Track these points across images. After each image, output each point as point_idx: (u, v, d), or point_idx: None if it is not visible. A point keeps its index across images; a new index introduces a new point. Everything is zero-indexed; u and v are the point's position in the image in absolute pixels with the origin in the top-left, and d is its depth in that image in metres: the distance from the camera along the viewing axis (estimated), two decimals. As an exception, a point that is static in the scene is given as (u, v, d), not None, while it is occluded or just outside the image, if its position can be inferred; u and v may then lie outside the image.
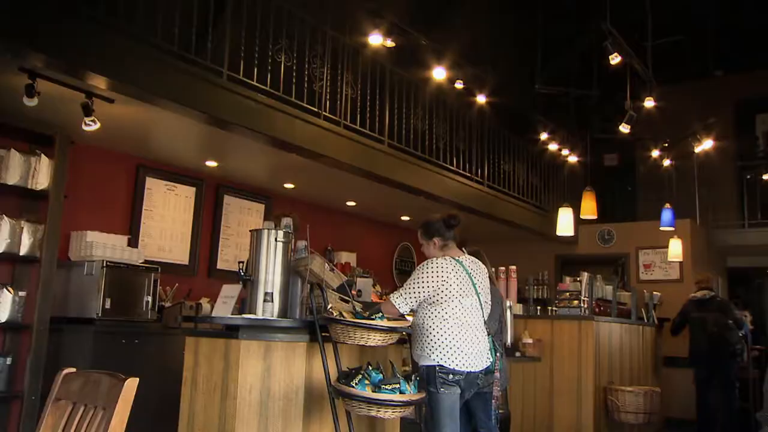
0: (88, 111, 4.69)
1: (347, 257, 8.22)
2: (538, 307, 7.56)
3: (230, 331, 3.80)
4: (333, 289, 3.97)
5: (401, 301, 3.79)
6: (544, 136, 8.36)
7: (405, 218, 9.17)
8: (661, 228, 8.55)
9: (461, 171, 7.95)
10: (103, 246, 5.44)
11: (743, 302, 10.15)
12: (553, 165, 9.79)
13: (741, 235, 10.45)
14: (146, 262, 5.77)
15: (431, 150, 7.50)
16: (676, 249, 8.68)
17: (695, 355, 7.84)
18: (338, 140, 6.22)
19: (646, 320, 8.20)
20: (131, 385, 1.52)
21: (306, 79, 5.97)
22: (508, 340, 5.82)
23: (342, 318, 3.47)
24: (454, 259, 3.89)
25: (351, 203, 8.37)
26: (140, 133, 5.73)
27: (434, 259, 3.89)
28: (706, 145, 8.39)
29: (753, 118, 11.42)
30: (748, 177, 10.60)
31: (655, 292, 8.77)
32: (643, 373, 7.71)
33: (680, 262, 9.30)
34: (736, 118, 11.20)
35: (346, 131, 6.33)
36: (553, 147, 8.56)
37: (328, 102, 6.16)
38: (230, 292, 4.03)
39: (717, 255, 10.88)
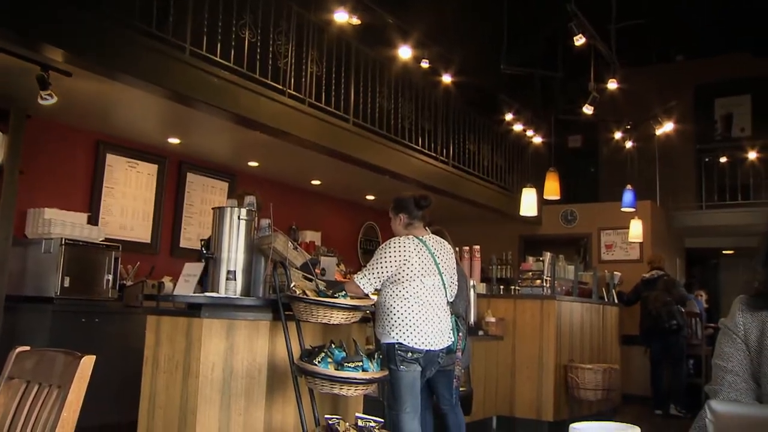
0: (44, 84, 4.56)
1: (312, 236, 8.20)
2: (501, 287, 7.64)
3: (192, 310, 3.78)
4: (296, 268, 3.95)
5: (365, 281, 3.80)
6: (509, 116, 8.40)
7: (370, 197, 9.16)
8: (623, 209, 8.69)
9: (426, 151, 7.96)
10: (61, 223, 5.34)
11: (699, 282, 10.40)
12: (518, 145, 9.86)
13: (698, 216, 10.67)
14: (107, 240, 5.68)
15: (397, 129, 7.49)
16: (636, 230, 8.83)
17: (641, 332, 8.35)
18: (303, 118, 6.17)
19: (606, 299, 8.35)
20: (87, 362, 1.49)
21: (270, 55, 5.88)
22: (472, 319, 5.88)
23: (305, 296, 3.46)
24: (417, 238, 3.90)
25: (316, 182, 8.33)
26: (100, 108, 5.61)
27: (397, 238, 3.90)
28: (667, 127, 8.52)
29: (712, 103, 11.63)
30: (707, 160, 10.81)
31: (615, 272, 8.92)
32: (603, 351, 7.86)
33: (640, 243, 9.48)
34: (696, 102, 11.39)
35: (311, 109, 6.28)
36: (518, 128, 8.60)
37: (292, 79, 6.09)
38: (192, 270, 4.00)
39: (675, 236, 11.11)
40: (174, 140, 6.57)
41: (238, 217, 3.91)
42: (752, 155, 9.72)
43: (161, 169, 6.87)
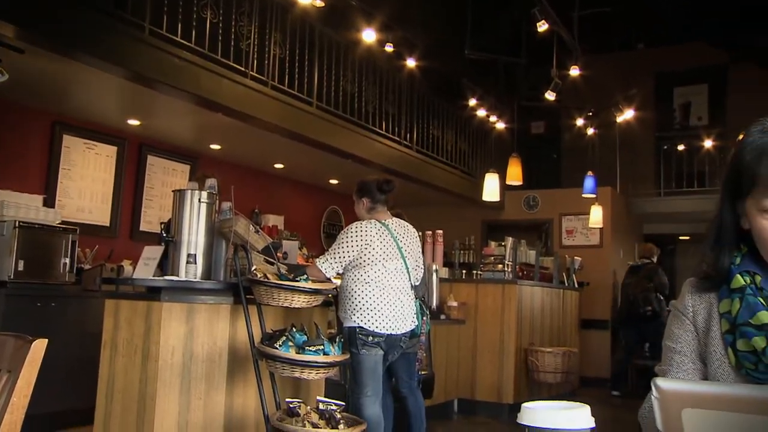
0: (-6, 61, 4.43)
1: (275, 220, 8.15)
2: (464, 271, 7.70)
3: (152, 294, 3.73)
4: (258, 251, 3.93)
5: (327, 265, 3.81)
6: (472, 102, 8.43)
7: (334, 181, 9.13)
8: (584, 195, 8.80)
9: (390, 135, 7.95)
10: (15, 206, 5.20)
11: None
12: (482, 131, 9.91)
13: (657, 203, 10.88)
14: (64, 223, 5.56)
15: (360, 113, 7.46)
16: (597, 216, 8.96)
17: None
18: (266, 101, 6.10)
19: (566, 284, 8.47)
20: (39, 346, 1.46)
21: (233, 37, 5.80)
22: (434, 303, 5.92)
23: (266, 280, 3.44)
24: (380, 222, 3.91)
25: (279, 165, 8.27)
26: (56, 88, 5.47)
27: (359, 222, 3.91)
28: (628, 115, 8.65)
29: (671, 91, 11.82)
30: (665, 147, 11.00)
31: (576, 257, 9.06)
32: (563, 335, 7.99)
33: (600, 229, 9.62)
34: (656, 90, 11.57)
35: (274, 92, 6.21)
36: (481, 113, 8.65)
37: (255, 61, 6.02)
38: (152, 253, 3.94)
39: (635, 222, 11.31)
40: (134, 122, 6.45)
41: (199, 200, 3.86)
42: (708, 143, 9.93)
43: (120, 151, 6.74)
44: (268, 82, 6.15)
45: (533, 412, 0.86)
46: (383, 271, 3.82)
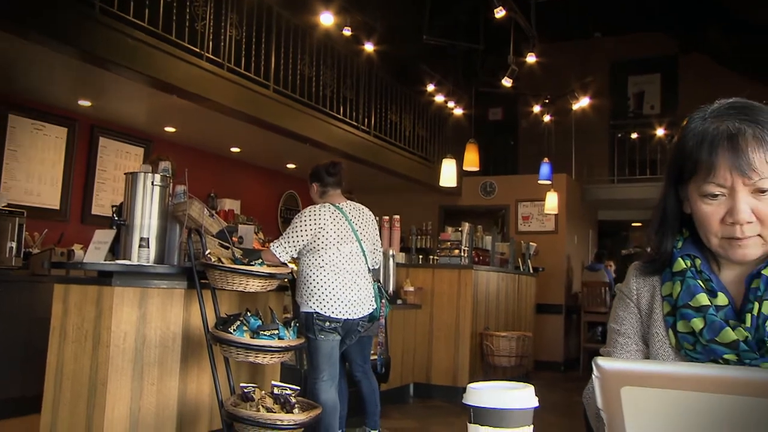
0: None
1: (231, 204, 8.06)
2: (420, 257, 7.74)
3: (103, 278, 3.67)
4: (212, 235, 3.88)
5: (281, 249, 3.79)
6: (430, 87, 8.44)
7: (291, 166, 9.07)
8: (539, 181, 8.91)
9: (348, 120, 7.92)
10: (-41, 188, 5.05)
11: (609, 252, 10.83)
12: (440, 117, 9.94)
13: (610, 190, 11.08)
14: (10, 206, 5.40)
15: (318, 97, 7.41)
16: (552, 202, 9.09)
17: None
18: (222, 83, 6.01)
19: (522, 269, 8.59)
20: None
21: (187, 17, 5.69)
22: (390, 288, 5.95)
23: (220, 264, 3.41)
24: (333, 205, 3.90)
25: (235, 149, 8.17)
26: (2, 66, 5.30)
27: (312, 206, 3.91)
28: (583, 103, 8.76)
29: (626, 80, 12.02)
30: (619, 135, 11.20)
31: (531, 243, 9.18)
32: (518, 319, 8.11)
33: (556, 215, 9.77)
34: (611, 78, 11.76)
35: (230, 74, 6.12)
36: (439, 99, 8.67)
37: (211, 43, 5.92)
38: (103, 237, 3.87)
39: (589, 208, 11.51)
40: (85, 102, 6.29)
41: (152, 183, 3.80)
42: (660, 132, 10.14)
43: (71, 132, 6.57)
44: (224, 64, 6.06)
45: (478, 392, 0.87)
46: (338, 255, 3.81)
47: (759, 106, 1.11)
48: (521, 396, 0.87)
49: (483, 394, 0.88)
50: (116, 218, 3.78)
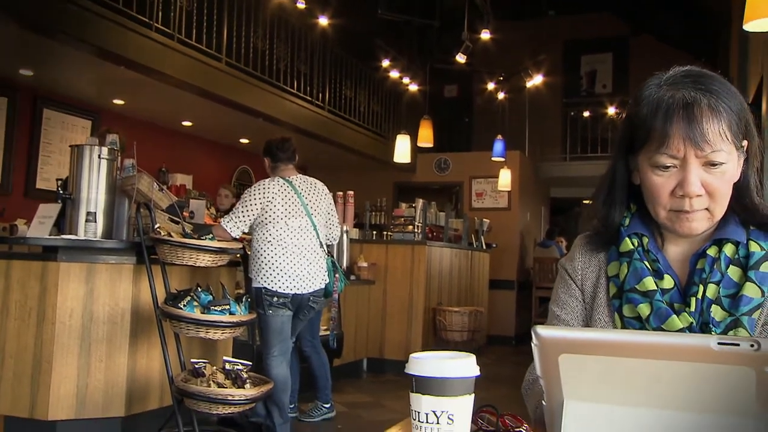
0: None
1: (182, 179, 7.93)
2: (374, 233, 7.75)
3: (48, 254, 3.58)
4: (162, 210, 3.82)
5: (231, 224, 3.76)
6: (385, 63, 8.40)
7: (244, 141, 8.95)
8: (493, 158, 8.98)
9: (302, 94, 7.84)
10: None
11: (560, 229, 11.01)
12: (395, 93, 9.91)
13: (563, 167, 11.25)
14: (-51, 179, 5.22)
15: (271, 71, 7.30)
16: (505, 179, 9.18)
17: None
18: (172, 55, 5.88)
19: (475, 246, 8.68)
20: None
21: (136, -15, 5.53)
22: (344, 264, 5.95)
23: (170, 238, 3.36)
24: (283, 179, 3.88)
25: (187, 123, 8.02)
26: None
27: (261, 181, 3.89)
28: (536, 80, 8.83)
29: (579, 59, 12.16)
30: (572, 114, 11.35)
31: (485, 219, 9.28)
32: (471, 295, 8.21)
33: (509, 192, 9.88)
34: (564, 57, 11.88)
35: (181, 46, 5.99)
36: (394, 75, 8.63)
37: (160, 13, 5.77)
38: (48, 211, 3.78)
39: (542, 186, 11.67)
40: (26, 72, 6.08)
41: (99, 156, 3.72)
42: (611, 110, 10.30)
43: (12, 103, 6.35)
44: (175, 35, 5.92)
45: (420, 362, 0.88)
46: (285, 229, 3.79)
47: (713, 75, 1.09)
48: (462, 365, 0.88)
49: (425, 363, 0.88)
50: (62, 192, 3.69)
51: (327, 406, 4.52)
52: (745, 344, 0.72)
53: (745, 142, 1.10)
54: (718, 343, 0.73)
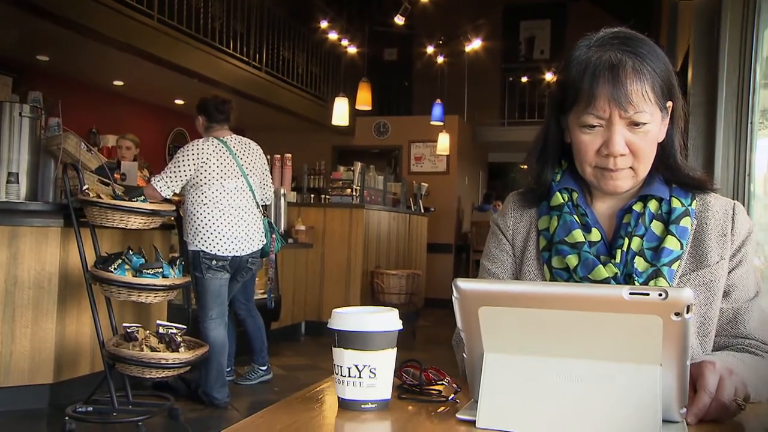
0: None
1: (114, 141, 7.67)
2: (312, 196, 7.71)
3: (-33, 216, 3.43)
4: (91, 171, 3.70)
5: (161, 183, 3.67)
6: (324, 24, 8.27)
7: (179, 102, 8.72)
8: (432, 122, 9.00)
9: (239, 55, 7.65)
10: None
11: (497, 194, 11.17)
12: (333, 55, 9.79)
13: (501, 132, 11.37)
14: None
15: (206, 30, 7.09)
16: (444, 143, 9.23)
17: None
18: (98, 9, 5.63)
19: (413, 209, 8.73)
20: None
21: (60, -65, 5.26)
22: (282, 228, 5.91)
23: (99, 200, 3.26)
24: (218, 139, 3.80)
25: (118, 82, 7.75)
26: None
27: (195, 141, 3.80)
28: (475, 45, 8.84)
29: (518, 24, 12.24)
30: (510, 79, 11.45)
31: (423, 183, 9.33)
32: (409, 258, 8.28)
33: (447, 156, 9.94)
34: (504, 22, 11.93)
35: (110, 0, 5.74)
36: (333, 36, 8.51)
37: (87, -35, 5.51)
38: (-33, 172, 3.60)
39: (480, 150, 11.79)
40: (-60, 25, 5.75)
41: (20, 114, 3.56)
42: (549, 76, 10.43)
43: (-72, 58, 6.01)
44: (103, -11, 5.67)
45: (342, 316, 0.88)
46: (222, 190, 3.73)
47: (641, 37, 1.12)
48: (384, 319, 0.88)
49: (346, 318, 0.88)
50: (-19, 152, 3.53)
51: (264, 368, 4.52)
52: (653, 294, 0.74)
53: (669, 104, 1.13)
54: (630, 293, 0.75)
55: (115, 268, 3.27)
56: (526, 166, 1.29)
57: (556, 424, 0.80)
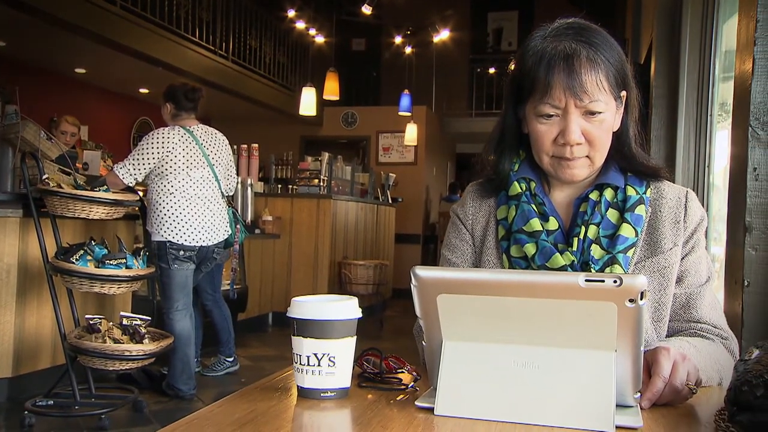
0: None
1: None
2: (279, 186, 7.66)
3: None
4: (51, 160, 3.63)
5: (124, 171, 3.60)
6: (291, 13, 8.20)
7: (144, 91, 8.59)
8: (399, 113, 9.00)
9: (205, 43, 7.56)
10: None
11: (463, 184, 11.22)
12: (301, 44, 9.72)
13: (469, 123, 11.42)
14: None
15: (171, 17, 6.98)
16: (411, 134, 9.24)
17: None
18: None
19: (381, 200, 8.74)
20: None
21: None
22: (248, 218, 5.86)
23: (59, 189, 3.19)
24: (184, 128, 3.75)
25: (80, 70, 7.60)
26: None
27: (161, 129, 3.74)
28: (443, 35, 8.86)
29: (486, 16, 12.27)
30: (478, 70, 11.49)
31: (391, 174, 9.33)
32: (377, 248, 8.28)
33: (415, 146, 9.96)
34: (472, 13, 11.96)
35: (70, -15, 5.62)
36: (300, 25, 8.45)
37: (47, -51, 5.38)
38: None
39: (448, 141, 11.82)
40: None
41: (-23, 102, 3.47)
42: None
43: None
44: (64, -26, 5.55)
45: (301, 305, 0.88)
46: (188, 180, 3.69)
47: (596, 27, 1.13)
48: (343, 307, 0.88)
49: (305, 306, 0.88)
50: (-65, 140, 3.44)
51: (230, 359, 4.49)
52: (609, 281, 0.75)
53: (623, 94, 1.14)
54: (585, 281, 0.76)
55: (76, 259, 3.21)
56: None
57: (513, 411, 0.81)
